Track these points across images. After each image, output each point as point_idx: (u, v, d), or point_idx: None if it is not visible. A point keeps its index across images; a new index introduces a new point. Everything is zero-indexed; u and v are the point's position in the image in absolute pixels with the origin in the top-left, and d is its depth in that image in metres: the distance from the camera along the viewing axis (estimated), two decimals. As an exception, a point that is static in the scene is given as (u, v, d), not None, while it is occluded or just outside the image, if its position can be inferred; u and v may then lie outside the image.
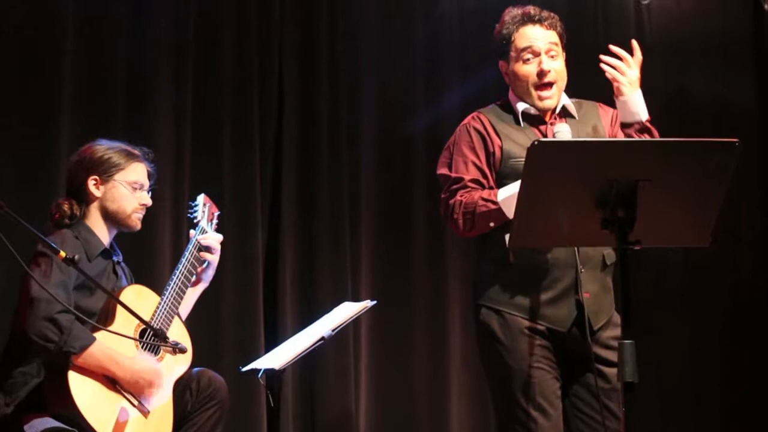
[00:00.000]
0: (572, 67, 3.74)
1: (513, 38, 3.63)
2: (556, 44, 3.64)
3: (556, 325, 3.53)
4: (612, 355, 3.52)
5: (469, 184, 3.60)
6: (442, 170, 3.71)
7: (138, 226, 3.85)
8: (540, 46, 3.60)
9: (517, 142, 3.60)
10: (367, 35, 5.64)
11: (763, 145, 6.01)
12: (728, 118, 5.87)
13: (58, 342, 3.46)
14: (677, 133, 3.32)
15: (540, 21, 3.62)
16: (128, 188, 3.80)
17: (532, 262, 3.53)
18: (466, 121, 3.73)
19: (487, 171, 3.61)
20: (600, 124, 3.70)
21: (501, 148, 3.60)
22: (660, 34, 6.02)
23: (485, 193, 3.57)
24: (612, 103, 3.72)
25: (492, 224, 3.54)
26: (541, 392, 3.52)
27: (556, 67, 3.62)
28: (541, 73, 3.60)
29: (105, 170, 3.78)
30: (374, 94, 5.62)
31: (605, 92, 3.70)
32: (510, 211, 3.43)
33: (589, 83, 3.93)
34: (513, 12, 3.67)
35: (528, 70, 3.61)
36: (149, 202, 3.87)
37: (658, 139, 3.04)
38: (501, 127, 3.64)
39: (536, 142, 2.92)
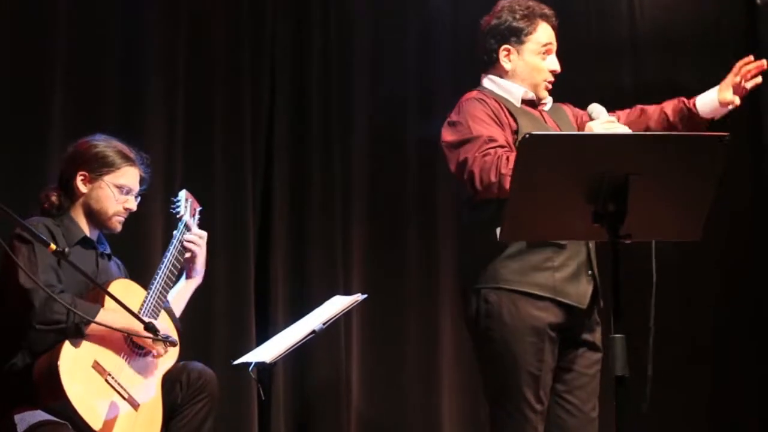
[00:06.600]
0: (565, 61, 3.77)
1: (533, 30, 3.72)
2: None
3: (577, 301, 3.59)
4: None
5: (505, 144, 3.55)
6: (453, 137, 3.63)
7: (118, 228, 3.81)
8: (554, 46, 3.77)
9: (527, 118, 3.66)
10: (359, 32, 5.63)
11: (754, 139, 6.00)
12: (720, 112, 5.85)
13: (67, 320, 3.45)
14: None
15: (553, 23, 3.77)
16: (115, 191, 3.76)
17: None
18: (470, 95, 3.71)
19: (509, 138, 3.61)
20: (568, 119, 3.84)
21: (516, 122, 3.63)
22: (652, 28, 6.02)
23: None
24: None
25: None
26: (543, 385, 3.56)
27: None
28: (554, 73, 3.75)
29: (95, 168, 3.75)
30: (367, 90, 5.61)
31: (597, 85, 3.70)
32: None
33: (582, 76, 3.93)
34: (526, 2, 3.76)
35: (545, 65, 3.74)
36: (134, 208, 3.82)
37: (649, 133, 3.05)
38: (508, 105, 3.69)
39: (528, 135, 2.92)
